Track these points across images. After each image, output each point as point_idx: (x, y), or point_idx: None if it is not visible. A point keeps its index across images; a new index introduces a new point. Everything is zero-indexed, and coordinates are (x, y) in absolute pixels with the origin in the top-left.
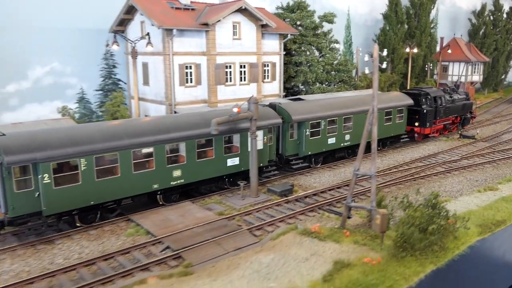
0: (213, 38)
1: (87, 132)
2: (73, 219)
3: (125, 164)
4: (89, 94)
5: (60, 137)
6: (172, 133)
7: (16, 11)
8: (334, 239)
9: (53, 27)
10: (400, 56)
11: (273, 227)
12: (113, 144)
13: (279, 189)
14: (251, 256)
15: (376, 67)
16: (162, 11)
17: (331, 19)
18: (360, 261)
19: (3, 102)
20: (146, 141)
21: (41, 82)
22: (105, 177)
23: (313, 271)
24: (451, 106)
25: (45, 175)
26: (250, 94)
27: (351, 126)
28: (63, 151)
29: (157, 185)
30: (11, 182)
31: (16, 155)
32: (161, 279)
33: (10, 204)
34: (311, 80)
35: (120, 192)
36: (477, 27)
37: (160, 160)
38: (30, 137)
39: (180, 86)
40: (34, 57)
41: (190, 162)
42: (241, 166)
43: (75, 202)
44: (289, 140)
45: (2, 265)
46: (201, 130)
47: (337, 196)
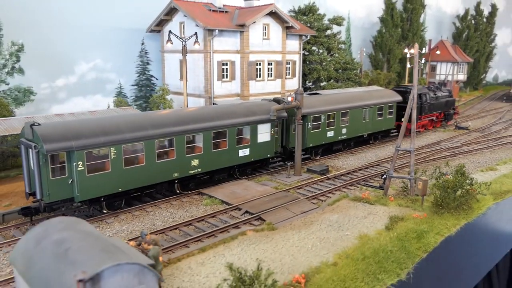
0: (247, 38)
1: (116, 123)
2: (101, 206)
3: (149, 153)
4: (126, 89)
5: (93, 127)
6: (191, 125)
7: (66, 11)
8: (382, 203)
9: (97, 25)
10: (396, 57)
11: (325, 197)
12: (139, 134)
13: (318, 169)
14: (318, 216)
15: (416, 62)
16: (202, 13)
17: (340, 22)
18: (410, 217)
19: (53, 95)
20: (167, 132)
21: (85, 77)
22: (131, 166)
23: (374, 224)
24: (435, 102)
25: (79, 163)
26: (276, 89)
27: (348, 121)
28: (96, 140)
29: (177, 173)
30: (47, 169)
31: (54, 143)
32: (256, 232)
33: (46, 190)
34: (324, 77)
35: (144, 179)
36: (460, 30)
37: (180, 150)
38: (65, 126)
39: (217, 81)
40: (81, 53)
41: (207, 152)
42: (251, 156)
43: (105, 188)
44: (293, 133)
45: (113, 227)
46: (216, 122)
47: (367, 174)
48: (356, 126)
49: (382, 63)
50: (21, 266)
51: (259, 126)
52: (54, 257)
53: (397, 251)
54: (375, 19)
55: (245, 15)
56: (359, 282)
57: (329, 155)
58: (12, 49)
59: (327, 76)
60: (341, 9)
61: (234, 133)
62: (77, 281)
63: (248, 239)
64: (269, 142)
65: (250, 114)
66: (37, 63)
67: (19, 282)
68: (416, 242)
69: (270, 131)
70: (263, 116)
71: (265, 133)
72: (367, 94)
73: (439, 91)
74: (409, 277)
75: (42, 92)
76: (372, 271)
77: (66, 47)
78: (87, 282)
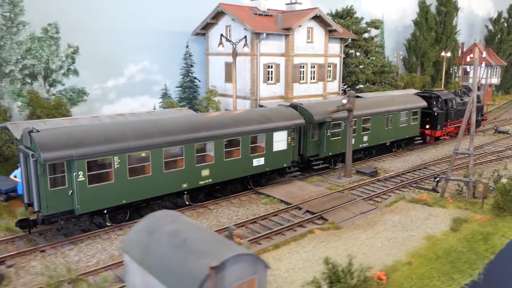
0: (292, 41)
1: (120, 130)
2: (104, 218)
3: (156, 162)
4: (170, 90)
5: (95, 135)
6: (201, 132)
7: (117, 16)
8: (440, 205)
9: (145, 29)
10: (430, 60)
11: (380, 198)
12: (145, 142)
13: (368, 171)
14: (379, 217)
15: (477, 66)
16: (249, 16)
17: (378, 25)
18: (473, 219)
19: (104, 96)
20: (176, 140)
21: (134, 78)
22: (137, 176)
23: (438, 225)
24: (462, 108)
25: (80, 173)
26: (318, 91)
27: (369, 128)
28: (98, 149)
29: (186, 184)
30: (45, 179)
31: (52, 152)
32: (323, 230)
33: (44, 202)
34: (362, 80)
35: (151, 191)
36: (493, 33)
37: (190, 159)
38: (65, 134)
39: (263, 83)
40: (130, 56)
41: (218, 162)
42: (266, 166)
43: (108, 200)
44: (310, 141)
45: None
46: (228, 129)
47: (416, 177)
48: (378, 134)
49: (416, 66)
50: (136, 254)
51: (275, 134)
52: (173, 246)
53: (467, 252)
54: (408, 22)
55: (289, 18)
56: (435, 281)
57: (363, 160)
58: (68, 51)
59: (365, 79)
60: (375, 12)
61: (248, 141)
62: (211, 268)
63: (317, 237)
64: (286, 150)
65: (265, 121)
66: (90, 65)
67: (132, 268)
68: (483, 244)
69: (287, 139)
70: (279, 123)
71: (281, 141)
72: (389, 100)
73: (466, 97)
74: (480, 278)
75: (94, 93)
76: (447, 271)
77: (116, 49)
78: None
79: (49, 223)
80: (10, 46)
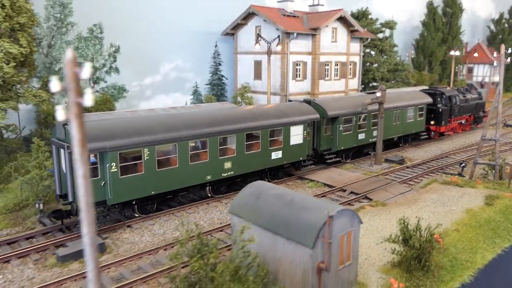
0: (318, 40)
1: (149, 124)
2: (133, 209)
3: (182, 155)
4: (200, 88)
5: (126, 128)
6: (224, 126)
7: (153, 17)
8: (470, 185)
9: (178, 30)
10: (437, 59)
11: (412, 182)
12: (172, 135)
13: (396, 159)
14: (418, 196)
15: (503, 62)
16: (278, 17)
17: (393, 26)
18: (503, 196)
19: (142, 93)
20: (201, 133)
21: (168, 76)
22: (164, 168)
23: (473, 202)
24: (465, 105)
25: (113, 164)
26: (340, 88)
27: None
28: (129, 141)
29: (210, 176)
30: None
31: (88, 144)
32: (372, 206)
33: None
34: (378, 78)
35: (177, 182)
36: (495, 33)
37: (213, 152)
38: (99, 126)
39: (292, 80)
40: (165, 55)
41: (240, 155)
42: (284, 159)
43: (138, 191)
44: (324, 135)
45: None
46: (248, 123)
47: (440, 164)
48: (387, 129)
49: (424, 65)
50: (246, 215)
51: (292, 128)
52: (283, 206)
53: (504, 221)
54: (416, 23)
55: (315, 19)
56: (481, 244)
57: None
58: (110, 50)
59: (381, 77)
60: (385, 13)
61: (267, 135)
62: (329, 217)
63: (369, 212)
64: (302, 144)
65: (282, 116)
66: (129, 63)
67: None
68: None
69: (303, 133)
70: (296, 117)
71: (297, 135)
72: (397, 96)
73: (469, 93)
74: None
75: (133, 90)
76: (489, 236)
77: (153, 49)
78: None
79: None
80: (60, 45)
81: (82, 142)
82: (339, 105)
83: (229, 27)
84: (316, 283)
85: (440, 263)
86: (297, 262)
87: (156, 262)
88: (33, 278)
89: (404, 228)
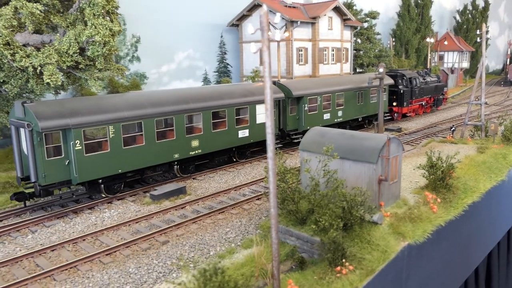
0: (317, 28)
1: (113, 101)
2: (99, 189)
3: (149, 133)
4: (209, 75)
5: (89, 105)
6: (190, 104)
7: (168, 10)
8: (463, 142)
9: (190, 22)
10: (413, 46)
11: (413, 143)
12: (138, 112)
13: (395, 128)
14: (421, 150)
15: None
16: (281, 8)
17: (376, 16)
18: (491, 147)
19: (159, 80)
20: (167, 111)
21: (181, 64)
22: (131, 146)
23: (468, 152)
24: (425, 87)
25: (77, 142)
26: (336, 71)
27: (343, 103)
28: (93, 118)
29: (177, 154)
30: (42, 149)
31: (49, 121)
32: None
33: (42, 172)
34: (365, 63)
35: (144, 161)
36: (461, 23)
37: (180, 130)
38: (60, 104)
39: (296, 64)
40: (179, 45)
41: (206, 133)
42: (250, 138)
43: (104, 170)
44: (290, 116)
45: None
46: (214, 102)
47: (433, 131)
48: (351, 109)
49: (401, 53)
50: (315, 149)
51: (258, 107)
52: (346, 139)
53: (495, 163)
54: (391, 14)
55: (313, 9)
56: (481, 177)
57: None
58: (132, 41)
59: (368, 62)
60: (364, 5)
61: (233, 113)
62: (388, 139)
63: None
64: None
65: (248, 95)
66: (148, 52)
67: (313, 159)
68: (503, 160)
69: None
70: (261, 96)
71: (263, 113)
72: (360, 78)
73: (428, 76)
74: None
75: (152, 77)
76: (486, 172)
77: (168, 39)
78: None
79: (47, 194)
80: None
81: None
82: (303, 86)
83: (234, 19)
84: (377, 190)
85: (456, 186)
86: (363, 176)
87: (231, 198)
88: (139, 211)
89: (431, 158)
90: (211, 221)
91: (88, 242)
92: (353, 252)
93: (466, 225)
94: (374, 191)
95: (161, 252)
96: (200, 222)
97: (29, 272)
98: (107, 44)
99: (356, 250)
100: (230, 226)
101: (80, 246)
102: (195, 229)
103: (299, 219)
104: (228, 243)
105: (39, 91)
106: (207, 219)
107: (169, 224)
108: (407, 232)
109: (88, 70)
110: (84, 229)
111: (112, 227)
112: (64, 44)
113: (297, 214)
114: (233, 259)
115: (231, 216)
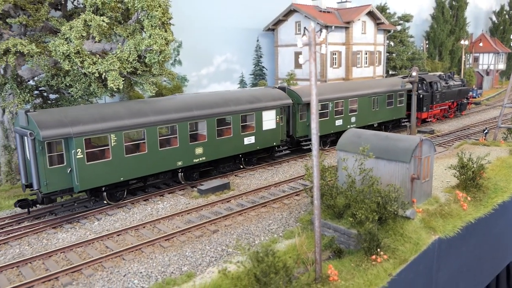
0: (351, 32)
1: (116, 109)
2: (102, 197)
3: (151, 140)
4: (245, 77)
5: (92, 113)
6: (194, 111)
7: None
8: (495, 145)
9: (227, 26)
10: (447, 48)
11: (446, 144)
12: (140, 120)
13: (427, 130)
14: (454, 152)
15: None
16: (317, 13)
17: (409, 19)
18: None
19: (199, 82)
20: (170, 118)
21: (220, 67)
22: (133, 154)
23: (500, 154)
24: (447, 91)
25: (78, 150)
26: (369, 74)
27: (356, 109)
28: (95, 127)
29: (181, 162)
30: (44, 157)
31: (50, 130)
32: None
33: (44, 180)
34: (398, 65)
35: (147, 168)
36: (497, 24)
37: (184, 138)
38: (62, 113)
39: (329, 67)
40: (217, 49)
41: (211, 140)
42: (257, 144)
43: (106, 178)
44: (299, 122)
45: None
46: (220, 109)
47: (465, 133)
48: (365, 115)
49: (435, 55)
50: (351, 149)
51: (264, 113)
52: (381, 140)
53: None
54: (425, 16)
55: (347, 14)
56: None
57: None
58: (175, 45)
59: (401, 65)
60: (397, 8)
61: (239, 120)
62: (421, 140)
63: None
64: (275, 129)
65: (254, 101)
66: (189, 56)
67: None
68: None
69: (275, 118)
70: (268, 103)
71: (270, 120)
72: (376, 82)
73: (451, 80)
74: None
75: (192, 79)
76: None
77: (207, 43)
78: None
79: (49, 201)
80: None
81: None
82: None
83: (270, 23)
84: (410, 188)
85: (486, 186)
86: (397, 174)
87: (272, 193)
88: (189, 203)
89: (462, 159)
90: (255, 213)
91: (147, 229)
92: (387, 243)
93: (496, 223)
94: (407, 189)
95: (212, 240)
96: (245, 214)
97: (101, 253)
98: (162, 52)
99: (390, 241)
100: (272, 218)
101: (141, 232)
102: (241, 220)
103: (336, 213)
104: (271, 233)
105: (99, 93)
106: (251, 211)
107: (217, 215)
108: (437, 226)
109: (144, 75)
110: (142, 218)
111: (167, 217)
112: (125, 52)
113: (335, 208)
114: (275, 248)
115: (273, 209)
